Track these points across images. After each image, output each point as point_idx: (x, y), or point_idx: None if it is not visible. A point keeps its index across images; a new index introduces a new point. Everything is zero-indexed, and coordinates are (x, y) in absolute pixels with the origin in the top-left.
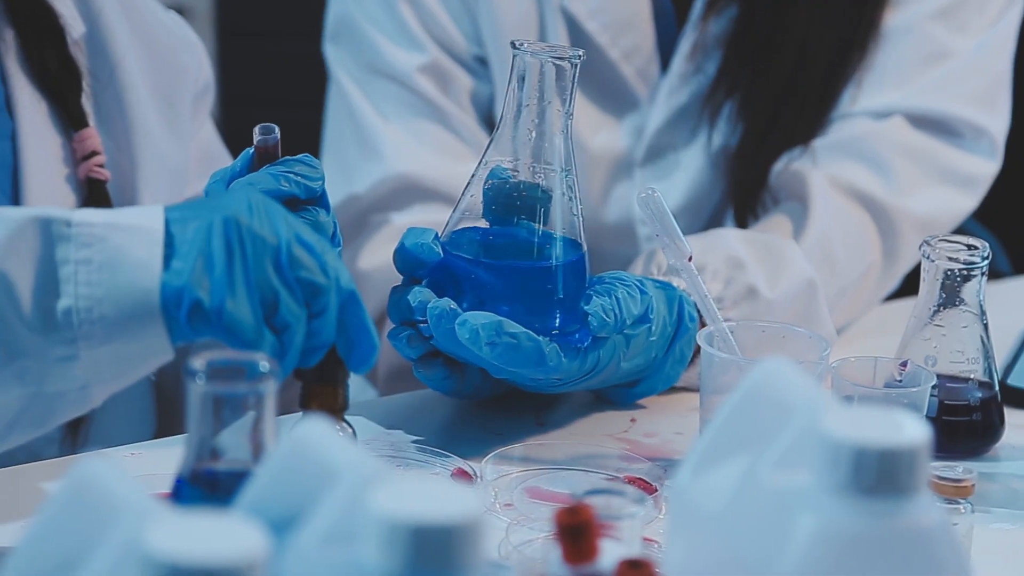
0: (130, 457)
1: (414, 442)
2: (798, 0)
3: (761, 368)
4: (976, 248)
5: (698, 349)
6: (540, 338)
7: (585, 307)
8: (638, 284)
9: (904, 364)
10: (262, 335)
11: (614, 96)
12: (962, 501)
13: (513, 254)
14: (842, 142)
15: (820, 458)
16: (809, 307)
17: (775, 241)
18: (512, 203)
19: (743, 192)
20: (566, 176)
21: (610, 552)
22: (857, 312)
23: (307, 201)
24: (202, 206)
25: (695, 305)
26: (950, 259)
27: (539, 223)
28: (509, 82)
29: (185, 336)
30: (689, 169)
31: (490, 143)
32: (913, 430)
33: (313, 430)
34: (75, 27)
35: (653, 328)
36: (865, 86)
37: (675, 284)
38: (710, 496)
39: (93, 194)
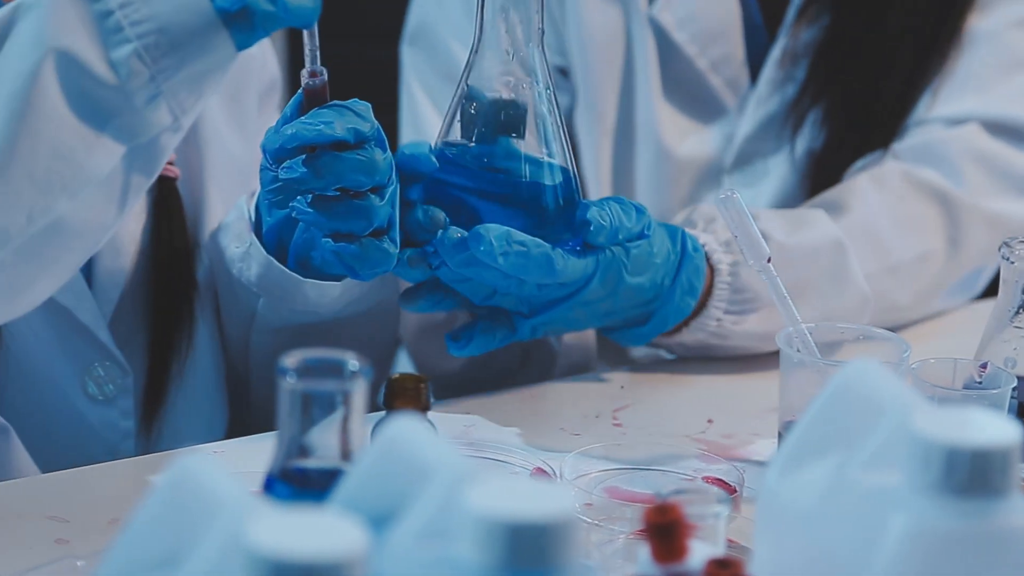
0: (215, 455)
1: (493, 441)
2: (889, 7)
3: (849, 368)
4: None
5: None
6: (546, 244)
7: (583, 216)
8: (634, 204)
9: (984, 366)
10: (317, 6)
11: (702, 105)
12: None
13: (501, 170)
14: (915, 148)
15: (911, 458)
16: (837, 264)
17: (801, 210)
18: (494, 120)
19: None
20: (546, 90)
21: (697, 552)
22: (922, 295)
23: (357, 144)
24: None
25: (698, 240)
26: None
27: (522, 138)
28: (478, 4)
29: (249, 41)
30: (776, 176)
31: (468, 65)
32: (1005, 431)
33: (406, 427)
34: None
35: (655, 247)
36: (943, 92)
37: (687, 230)
38: (799, 495)
39: (163, 191)
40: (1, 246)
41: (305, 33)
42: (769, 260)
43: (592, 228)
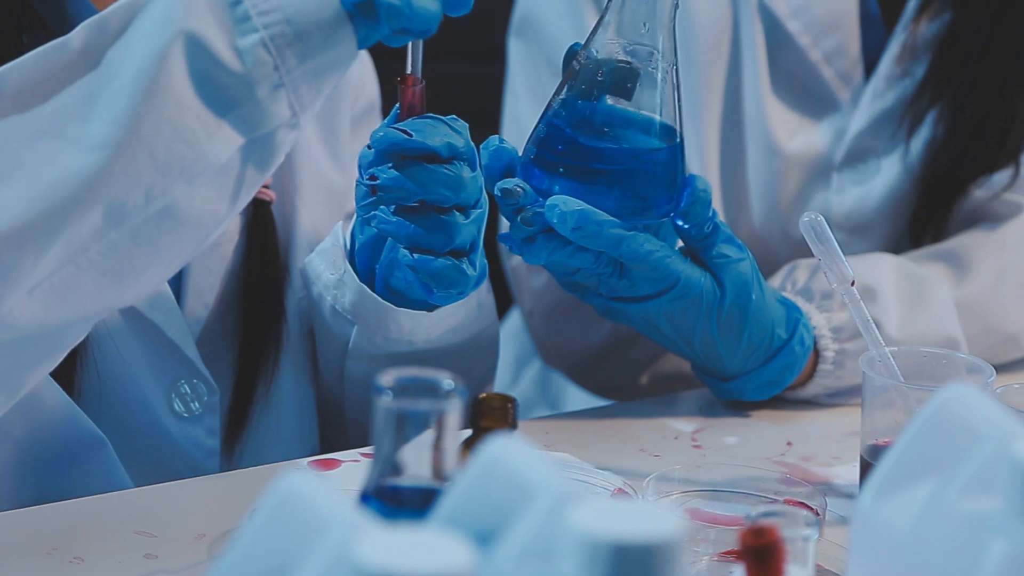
0: (318, 472)
1: (574, 461)
2: (1013, 6)
3: (946, 392)
4: None
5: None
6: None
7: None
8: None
9: None
10: (439, 11)
11: (813, 98)
12: None
13: (609, 132)
14: None
15: (1011, 483)
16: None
17: (928, 282)
18: (607, 82)
19: (930, 204)
20: (672, 66)
21: (792, 574)
22: None
23: (448, 158)
24: None
25: (814, 336)
26: None
27: (630, 100)
28: None
29: (369, 38)
30: (889, 175)
31: (596, 28)
32: None
33: (507, 447)
34: None
35: (754, 318)
36: None
37: (801, 307)
38: (895, 519)
39: (257, 213)
40: (116, 224)
41: (410, 48)
42: (853, 283)
43: (699, 188)
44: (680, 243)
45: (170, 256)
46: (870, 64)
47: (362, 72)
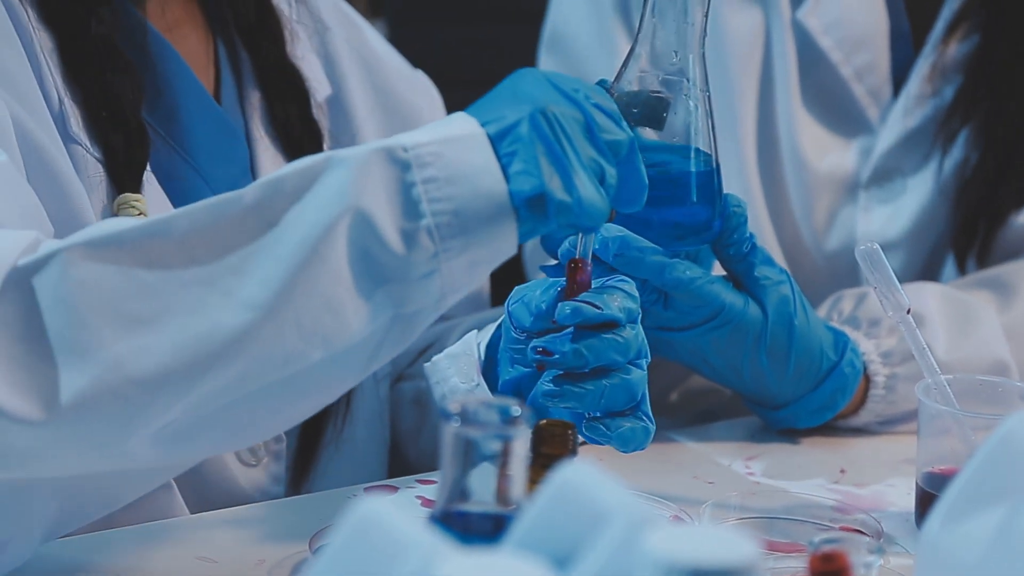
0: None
1: (630, 489)
2: None
3: (1015, 419)
4: None
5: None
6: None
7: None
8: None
9: None
10: (605, 206)
11: (843, 116)
12: None
13: (646, 162)
14: None
15: None
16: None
17: (975, 307)
18: (640, 112)
19: (969, 228)
20: (704, 93)
21: None
22: None
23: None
24: (501, 104)
25: (863, 360)
26: None
27: (662, 129)
28: (645, 3)
29: (533, 232)
30: (917, 195)
31: (627, 60)
32: None
33: (580, 472)
34: (320, 90)
35: (802, 342)
36: None
37: (849, 335)
38: (964, 546)
39: None
40: (251, 382)
41: (581, 236)
42: (909, 311)
43: (732, 205)
44: (719, 271)
45: (291, 414)
46: (898, 82)
47: (435, 111)
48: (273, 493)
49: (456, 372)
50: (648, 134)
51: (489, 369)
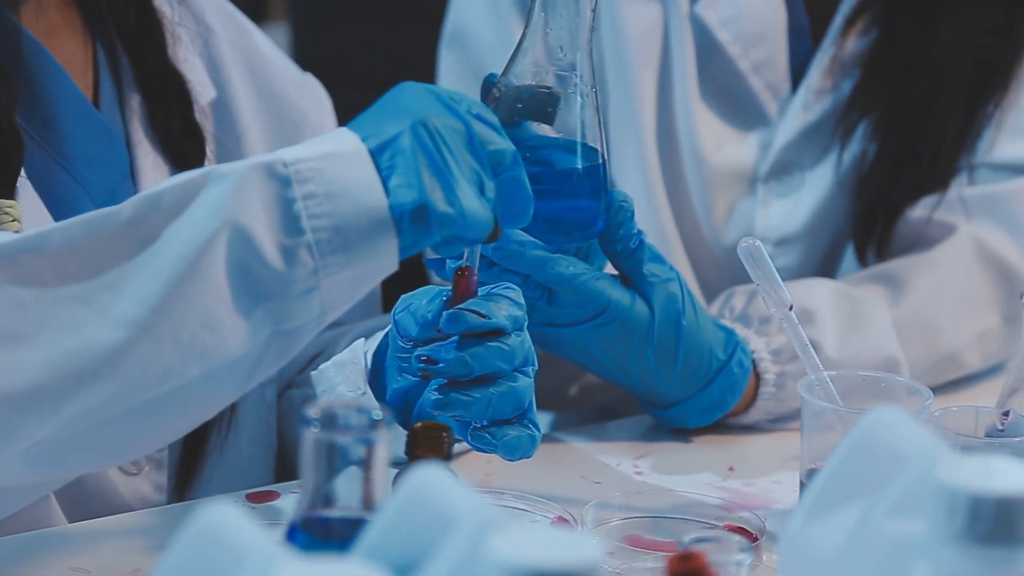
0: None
1: (513, 489)
2: (941, 25)
3: (872, 416)
4: None
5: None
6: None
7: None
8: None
9: (1006, 414)
10: (489, 217)
11: (741, 110)
12: None
13: (531, 158)
14: (982, 198)
15: (935, 507)
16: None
17: (865, 303)
18: (527, 107)
19: (868, 221)
20: (593, 88)
21: None
22: (980, 366)
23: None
24: (382, 118)
25: (752, 359)
26: None
27: (552, 124)
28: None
29: (416, 246)
30: (815, 189)
31: (513, 56)
32: None
33: (430, 476)
34: (204, 93)
35: (689, 341)
36: (1008, 129)
37: (740, 333)
38: (823, 543)
39: None
40: (125, 400)
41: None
42: (791, 308)
43: (619, 200)
44: (609, 269)
45: (169, 431)
46: (797, 76)
47: (323, 115)
48: (155, 502)
49: (343, 380)
50: (535, 129)
51: (377, 378)
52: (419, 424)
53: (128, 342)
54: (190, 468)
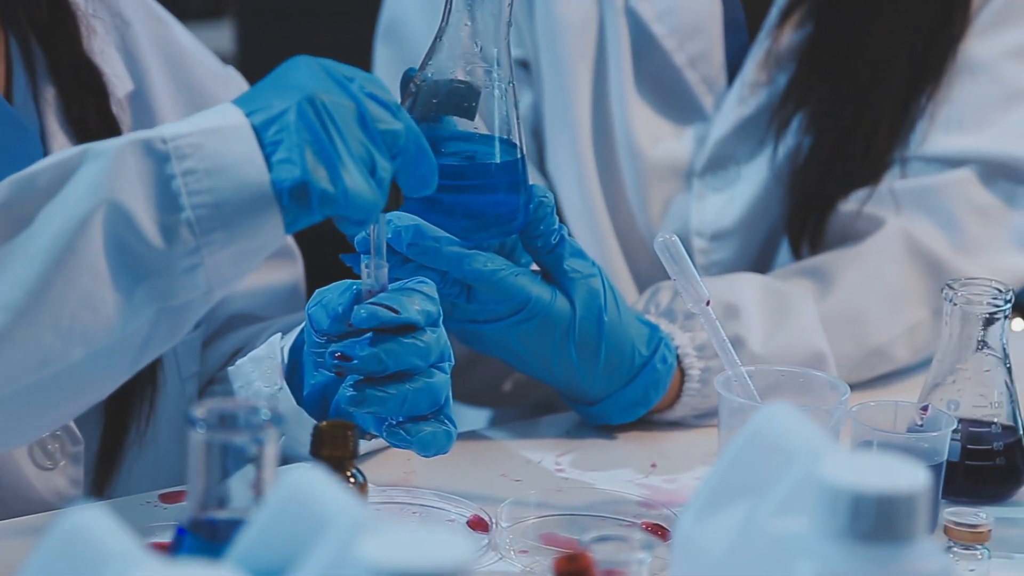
0: (145, 505)
1: (432, 489)
2: (877, 18)
3: (764, 413)
4: (999, 291)
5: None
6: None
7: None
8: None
9: (925, 408)
10: (377, 198)
11: (677, 104)
12: (979, 547)
13: (450, 150)
14: (914, 193)
15: (818, 504)
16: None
17: (792, 298)
18: (445, 101)
19: (802, 213)
20: (509, 83)
21: None
22: (908, 360)
23: (424, 327)
24: (270, 92)
25: (676, 355)
26: (973, 303)
27: (472, 119)
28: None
29: (299, 223)
30: (750, 182)
31: (429, 53)
32: (911, 476)
33: (307, 477)
34: (121, 85)
35: (612, 336)
36: (940, 122)
37: (665, 328)
38: (712, 541)
39: None
40: (7, 383)
41: (372, 229)
42: (708, 303)
43: (539, 195)
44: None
45: (57, 415)
46: (733, 70)
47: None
48: (72, 498)
49: (259, 376)
50: (455, 123)
51: (295, 373)
52: (324, 423)
53: (6, 327)
54: (108, 463)
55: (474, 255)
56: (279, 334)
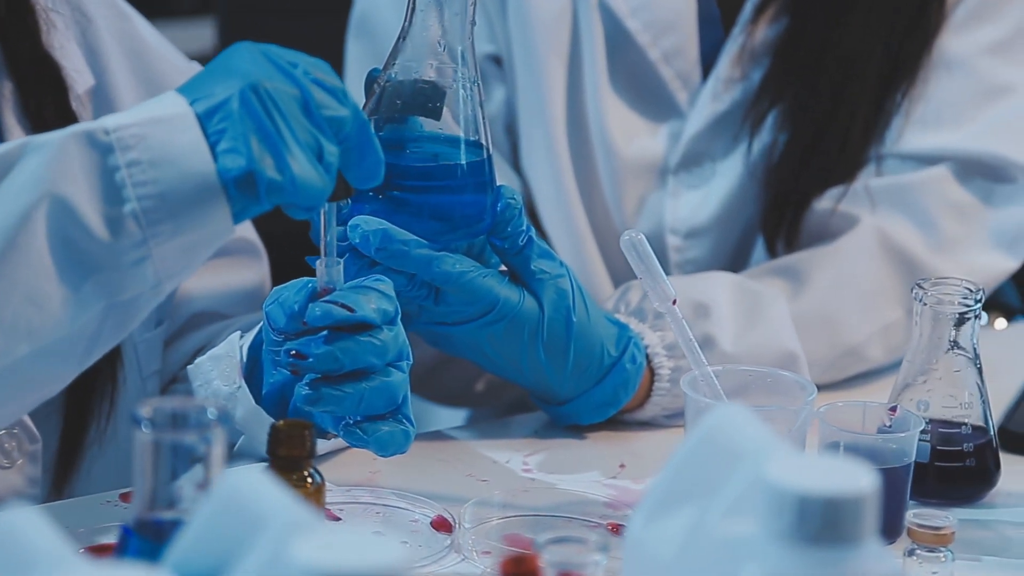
0: (105, 505)
1: (397, 489)
2: (851, 13)
3: (715, 414)
4: (970, 291)
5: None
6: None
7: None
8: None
9: (893, 409)
10: (325, 184)
11: (651, 100)
12: (942, 549)
13: (416, 151)
14: (889, 190)
15: (765, 506)
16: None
17: (764, 297)
18: (410, 101)
19: (777, 211)
20: (474, 81)
21: None
22: (883, 359)
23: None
24: (213, 80)
25: (646, 354)
26: (944, 302)
27: (438, 119)
28: None
29: (247, 213)
30: (726, 179)
31: (394, 50)
32: (858, 478)
33: (244, 477)
34: (81, 81)
35: (581, 337)
36: (916, 119)
37: (635, 328)
38: (661, 544)
39: None
40: None
41: (323, 222)
42: (675, 302)
43: (507, 197)
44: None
45: (6, 411)
46: (708, 66)
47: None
48: (30, 495)
49: (218, 375)
50: (421, 124)
51: (254, 372)
52: (281, 422)
53: None
54: (67, 462)
55: (442, 257)
56: (238, 332)
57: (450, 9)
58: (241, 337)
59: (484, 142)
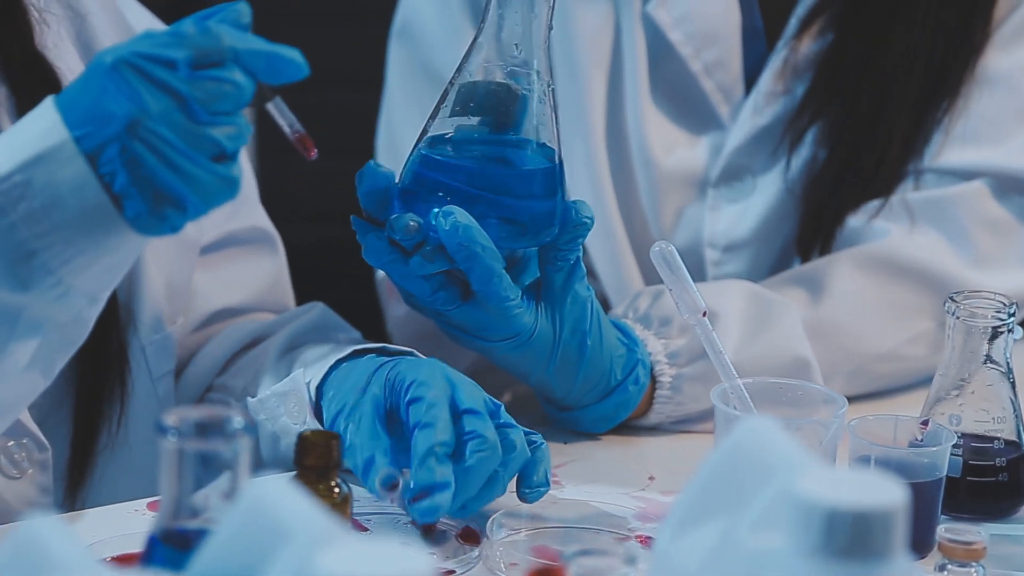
0: (133, 514)
1: None
2: (896, 29)
3: (744, 427)
4: (1003, 305)
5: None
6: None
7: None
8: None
9: (925, 423)
10: (231, 184)
11: (693, 112)
12: (974, 564)
13: (490, 156)
14: (925, 203)
15: (793, 520)
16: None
17: (776, 305)
18: (485, 106)
19: (812, 225)
20: (549, 86)
21: None
22: (911, 377)
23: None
24: (90, 106)
25: (650, 360)
26: (976, 316)
27: (512, 125)
28: None
29: (160, 232)
30: (766, 194)
31: (467, 53)
32: (889, 493)
33: (271, 487)
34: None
35: (584, 353)
36: (956, 135)
37: (639, 334)
38: (689, 556)
39: None
40: None
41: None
42: (704, 314)
43: (584, 215)
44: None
45: None
46: (751, 79)
47: None
48: (43, 506)
49: (286, 412)
50: (491, 126)
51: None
52: (308, 432)
53: None
54: (80, 468)
55: (502, 278)
56: (301, 369)
57: (525, 10)
58: (304, 373)
59: (556, 148)
